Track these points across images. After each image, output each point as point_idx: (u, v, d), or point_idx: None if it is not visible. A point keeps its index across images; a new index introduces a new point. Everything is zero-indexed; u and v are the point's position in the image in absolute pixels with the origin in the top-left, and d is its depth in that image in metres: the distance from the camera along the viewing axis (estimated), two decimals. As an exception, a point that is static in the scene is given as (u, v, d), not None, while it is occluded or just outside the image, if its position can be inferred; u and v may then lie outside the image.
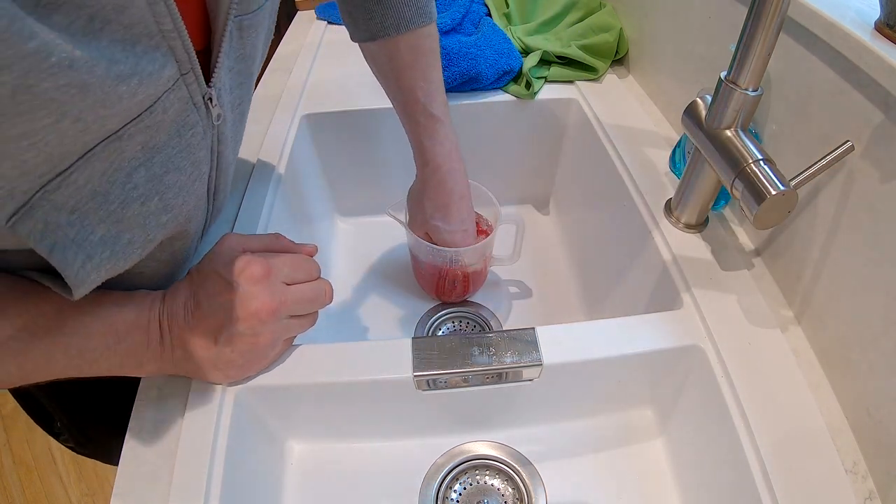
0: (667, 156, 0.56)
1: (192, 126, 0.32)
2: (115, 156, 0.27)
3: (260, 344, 0.37)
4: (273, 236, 0.41)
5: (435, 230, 0.53)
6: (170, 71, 0.27)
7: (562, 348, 0.41)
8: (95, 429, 0.60)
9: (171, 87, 0.28)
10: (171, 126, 0.30)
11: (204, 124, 0.33)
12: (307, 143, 0.65)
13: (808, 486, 0.34)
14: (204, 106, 0.32)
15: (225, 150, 0.38)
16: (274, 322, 0.36)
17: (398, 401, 0.43)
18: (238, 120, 0.40)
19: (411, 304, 0.64)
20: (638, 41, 0.69)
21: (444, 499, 0.44)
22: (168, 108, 0.29)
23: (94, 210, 0.27)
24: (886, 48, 0.33)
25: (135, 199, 0.29)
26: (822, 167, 0.37)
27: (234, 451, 0.37)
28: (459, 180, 0.51)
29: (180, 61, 0.28)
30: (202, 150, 0.34)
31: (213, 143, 0.36)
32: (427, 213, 0.53)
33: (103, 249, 0.29)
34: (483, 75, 0.65)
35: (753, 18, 0.35)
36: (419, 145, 0.50)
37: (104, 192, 0.27)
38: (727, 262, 0.47)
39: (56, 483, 1.24)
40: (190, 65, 0.29)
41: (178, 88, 0.29)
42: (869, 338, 0.36)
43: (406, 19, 0.44)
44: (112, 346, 0.34)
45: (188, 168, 0.33)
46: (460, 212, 0.52)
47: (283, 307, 0.37)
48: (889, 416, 0.35)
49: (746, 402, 0.38)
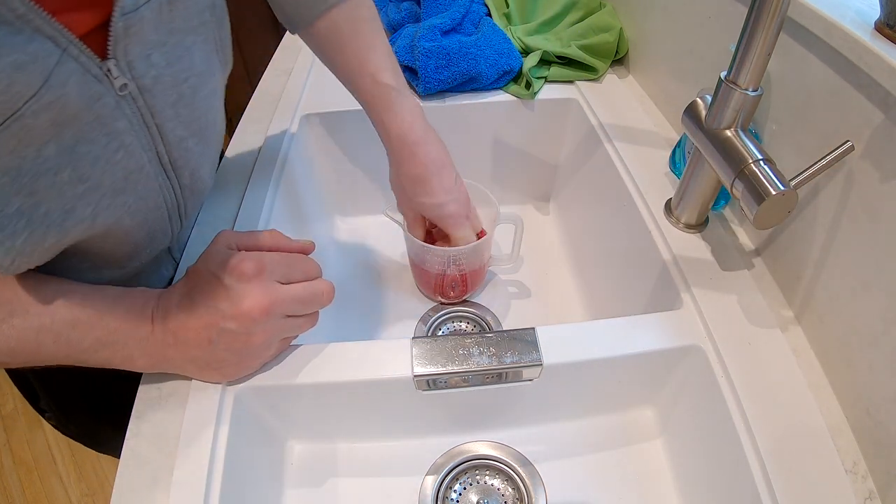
0: (667, 156, 0.56)
1: (99, 97, 0.32)
2: (24, 133, 0.28)
3: (253, 343, 0.37)
4: (269, 233, 0.41)
5: (423, 208, 0.51)
6: (43, 49, 0.28)
7: (562, 348, 0.41)
8: (79, 413, 0.61)
9: (57, 62, 0.29)
10: (77, 99, 0.31)
11: (114, 96, 0.34)
12: (307, 143, 0.65)
13: (808, 486, 0.34)
14: (105, 77, 0.33)
15: (166, 122, 0.38)
16: (267, 321, 0.36)
17: (398, 401, 0.43)
18: (190, 94, 0.40)
19: (411, 304, 0.64)
20: (638, 41, 0.69)
21: (444, 499, 0.44)
22: (66, 82, 0.29)
23: (8, 184, 0.29)
24: (886, 48, 0.33)
25: (46, 170, 0.30)
26: (822, 167, 0.37)
27: (234, 451, 0.37)
28: (432, 149, 0.49)
29: (53, 38, 0.28)
30: (119, 121, 0.34)
31: (140, 114, 0.36)
32: (409, 193, 0.50)
33: (19, 220, 0.30)
34: (483, 75, 0.65)
35: (753, 18, 0.35)
36: (379, 121, 0.48)
37: (15, 167, 0.29)
38: (727, 262, 0.47)
39: (56, 483, 1.24)
40: (67, 41, 0.29)
41: (66, 62, 0.29)
42: (869, 338, 0.36)
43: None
44: (102, 339, 0.35)
45: (102, 139, 0.33)
46: (443, 182, 0.49)
47: (276, 306, 0.36)
48: (889, 416, 0.35)
49: (746, 402, 0.38)
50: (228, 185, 0.56)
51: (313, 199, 0.67)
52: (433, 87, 0.65)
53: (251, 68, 1.97)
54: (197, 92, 0.41)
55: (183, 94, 0.40)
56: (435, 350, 0.41)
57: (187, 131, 0.41)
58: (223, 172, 0.58)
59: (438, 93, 0.67)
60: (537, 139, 0.71)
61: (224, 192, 0.55)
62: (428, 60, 0.64)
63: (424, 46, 0.64)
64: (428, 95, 0.66)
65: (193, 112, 0.41)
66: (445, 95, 0.67)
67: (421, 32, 0.66)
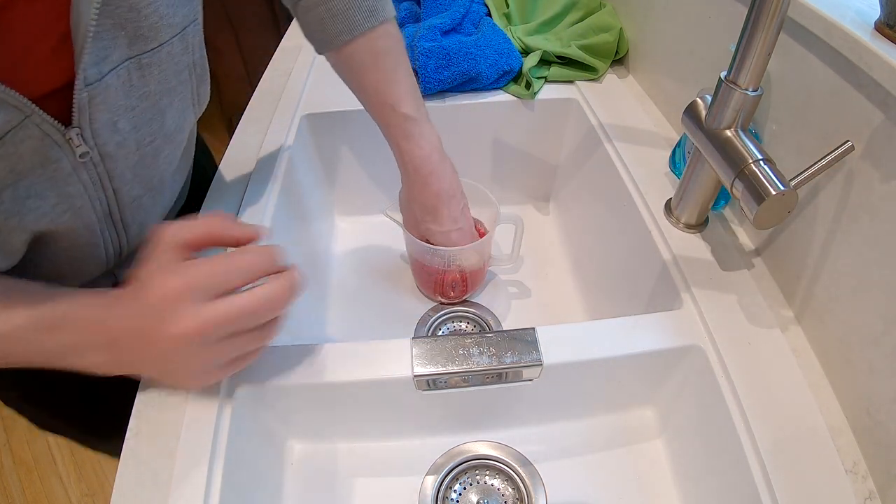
0: (667, 156, 0.56)
1: (55, 161, 0.33)
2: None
3: (191, 368, 0.33)
4: (213, 220, 0.35)
5: (428, 232, 0.53)
6: (6, 114, 0.29)
7: (562, 348, 0.41)
8: (50, 406, 0.60)
9: (15, 126, 0.30)
10: (31, 157, 0.32)
11: (72, 161, 0.34)
12: (307, 143, 0.65)
13: (808, 486, 0.34)
14: (67, 144, 0.33)
15: (123, 186, 0.39)
16: (199, 346, 0.32)
17: (398, 401, 0.43)
18: (152, 155, 0.40)
19: (411, 304, 0.64)
20: (638, 41, 0.69)
21: (444, 499, 0.44)
22: (20, 143, 0.31)
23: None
24: (886, 48, 0.33)
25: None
26: (822, 167, 0.37)
27: (234, 451, 0.37)
28: (445, 180, 0.50)
29: (18, 107, 0.30)
30: (73, 185, 0.35)
31: (98, 179, 0.37)
32: (417, 217, 0.52)
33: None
34: (483, 75, 0.65)
35: (753, 18, 0.35)
36: (397, 148, 0.49)
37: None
38: (727, 262, 0.47)
39: (56, 483, 1.24)
40: (30, 110, 0.30)
41: (27, 127, 0.31)
42: (869, 338, 0.36)
43: (356, 24, 0.44)
44: (40, 336, 0.33)
45: (52, 198, 0.34)
46: (451, 211, 0.51)
47: (206, 329, 0.31)
48: (889, 416, 0.35)
49: (746, 402, 0.38)
50: (229, 186, 0.56)
51: (313, 199, 0.67)
52: (433, 87, 0.65)
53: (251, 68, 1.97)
54: (160, 152, 0.41)
55: (145, 156, 0.40)
56: (435, 350, 0.41)
57: (143, 189, 0.42)
58: (223, 173, 0.58)
59: (438, 93, 0.67)
60: (537, 139, 0.71)
61: (224, 191, 0.55)
62: (428, 60, 0.64)
63: (424, 46, 0.64)
64: (428, 95, 0.66)
65: (153, 171, 0.42)
66: (445, 95, 0.67)
67: (421, 32, 0.66)
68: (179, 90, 0.41)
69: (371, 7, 0.44)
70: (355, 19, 0.44)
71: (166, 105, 0.40)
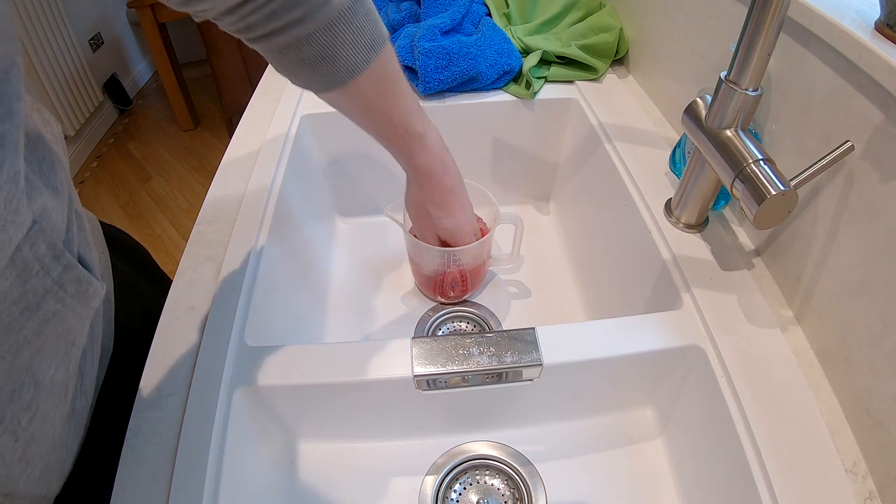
0: (667, 156, 0.56)
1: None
2: None
3: None
4: None
5: (442, 228, 0.53)
6: None
7: (562, 348, 0.41)
8: None
9: None
10: None
11: None
12: (307, 143, 0.65)
13: (808, 486, 0.34)
14: None
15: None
16: None
17: (398, 401, 0.43)
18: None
19: (411, 304, 0.64)
20: (638, 41, 0.69)
21: (444, 498, 0.44)
22: None
23: None
24: (886, 48, 0.33)
25: None
26: (822, 167, 0.37)
27: (234, 451, 0.37)
28: (455, 177, 0.51)
29: None
30: None
31: None
32: (432, 216, 0.53)
33: None
34: (483, 75, 0.65)
35: (753, 18, 0.35)
36: (407, 159, 0.49)
37: None
38: (727, 262, 0.47)
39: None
40: None
41: None
42: (869, 338, 0.36)
43: (357, 64, 0.39)
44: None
45: None
46: (463, 206, 0.53)
47: None
48: (889, 416, 0.35)
49: (746, 402, 0.38)
50: (228, 186, 0.56)
51: (313, 199, 0.67)
52: (433, 86, 0.65)
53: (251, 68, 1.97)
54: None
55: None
56: (435, 350, 0.41)
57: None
58: (224, 173, 0.58)
59: (438, 93, 0.67)
60: (537, 139, 0.71)
61: (224, 192, 0.55)
62: (428, 60, 0.64)
63: (424, 46, 0.64)
64: (428, 95, 0.66)
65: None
66: (445, 95, 0.67)
67: (421, 32, 0.66)
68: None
69: (367, 41, 0.39)
70: (356, 60, 0.39)
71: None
